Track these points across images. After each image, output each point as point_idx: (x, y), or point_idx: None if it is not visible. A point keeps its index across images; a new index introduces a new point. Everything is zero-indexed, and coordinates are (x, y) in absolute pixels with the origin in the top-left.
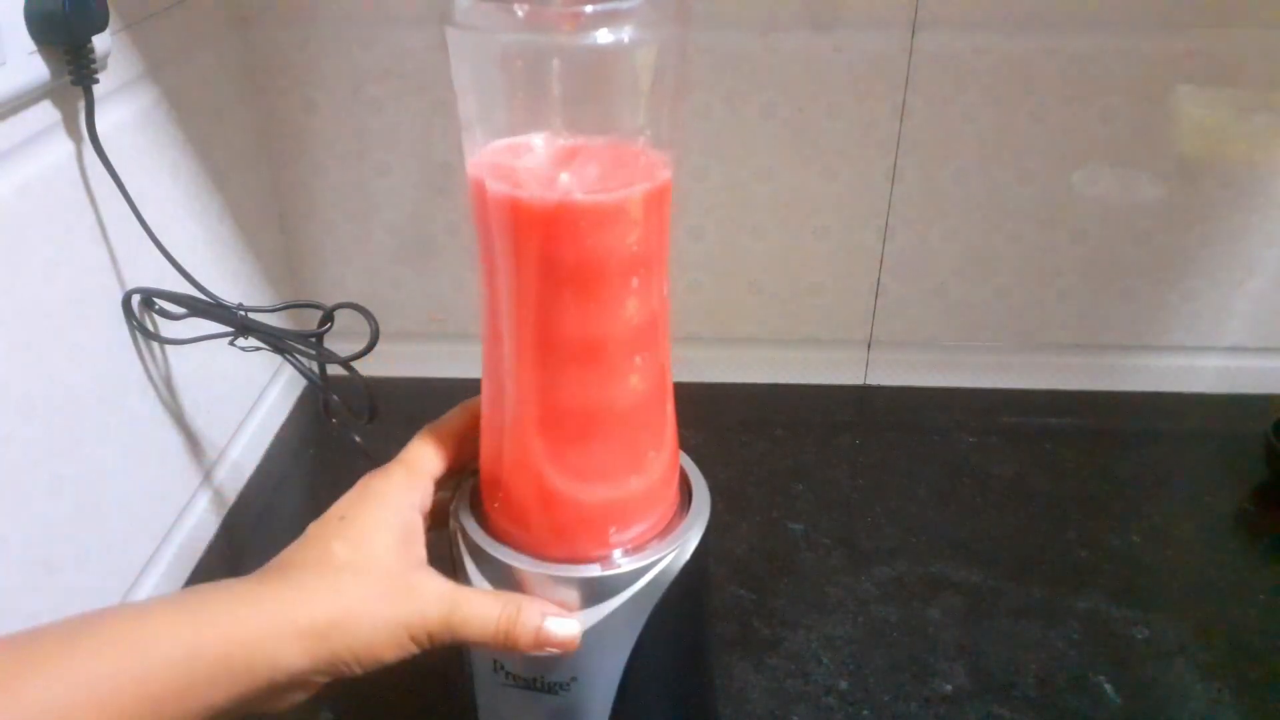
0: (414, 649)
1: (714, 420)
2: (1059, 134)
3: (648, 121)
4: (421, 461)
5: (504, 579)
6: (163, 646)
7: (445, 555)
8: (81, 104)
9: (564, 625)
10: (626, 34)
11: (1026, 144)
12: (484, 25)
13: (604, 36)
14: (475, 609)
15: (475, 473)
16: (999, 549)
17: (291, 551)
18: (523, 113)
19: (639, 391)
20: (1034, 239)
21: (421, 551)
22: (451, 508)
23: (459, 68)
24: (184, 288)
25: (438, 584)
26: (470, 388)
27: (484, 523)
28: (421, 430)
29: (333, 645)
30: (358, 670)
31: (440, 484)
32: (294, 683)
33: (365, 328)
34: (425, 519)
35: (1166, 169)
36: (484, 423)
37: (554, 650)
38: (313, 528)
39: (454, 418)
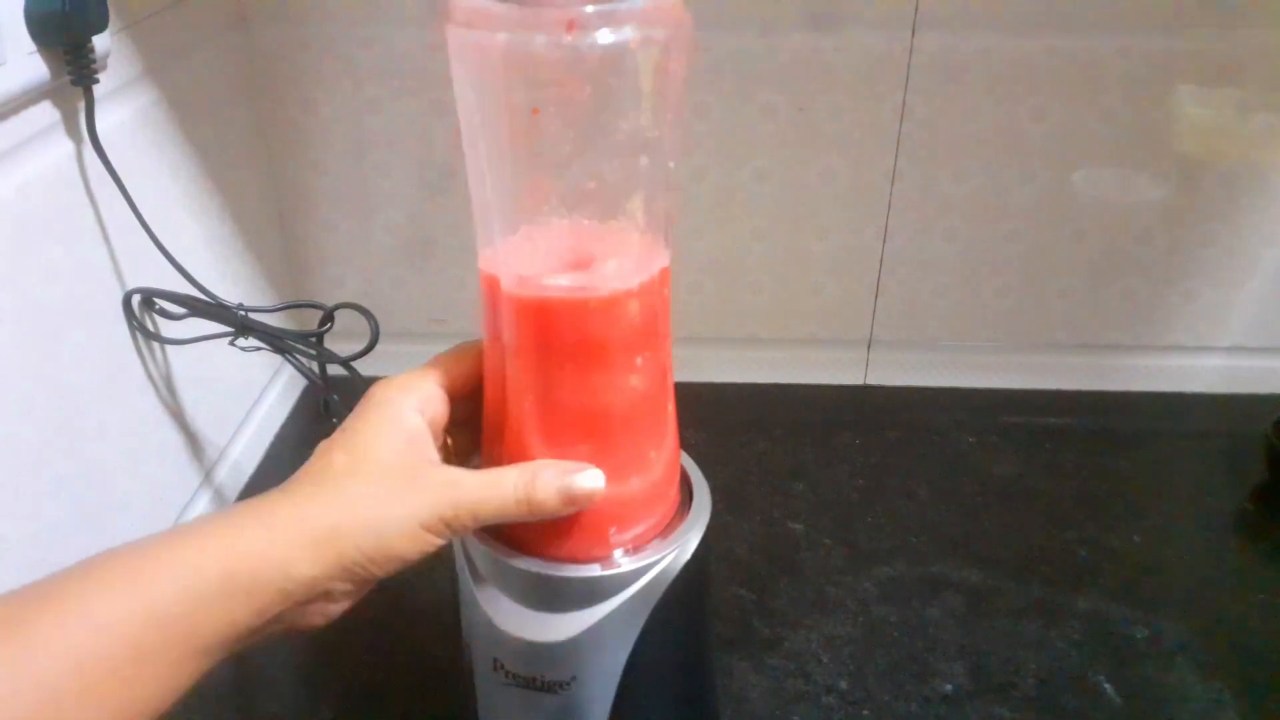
0: (433, 540)
1: (714, 420)
2: (1059, 134)
3: (648, 127)
4: (427, 371)
5: (505, 578)
6: (166, 570)
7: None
8: (81, 104)
9: (589, 477)
10: (627, 34)
11: (1026, 144)
12: (484, 24)
13: (605, 36)
14: (486, 486)
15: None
16: (999, 549)
17: (299, 471)
18: (522, 122)
19: (640, 391)
20: (1034, 239)
21: (430, 452)
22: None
23: (458, 69)
24: (184, 288)
25: (445, 471)
26: None
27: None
28: (453, 348)
29: (340, 548)
30: (377, 572)
31: (455, 394)
32: (311, 592)
33: (365, 328)
34: (438, 431)
35: (1166, 169)
36: (485, 422)
37: (580, 505)
38: (320, 445)
39: (469, 345)
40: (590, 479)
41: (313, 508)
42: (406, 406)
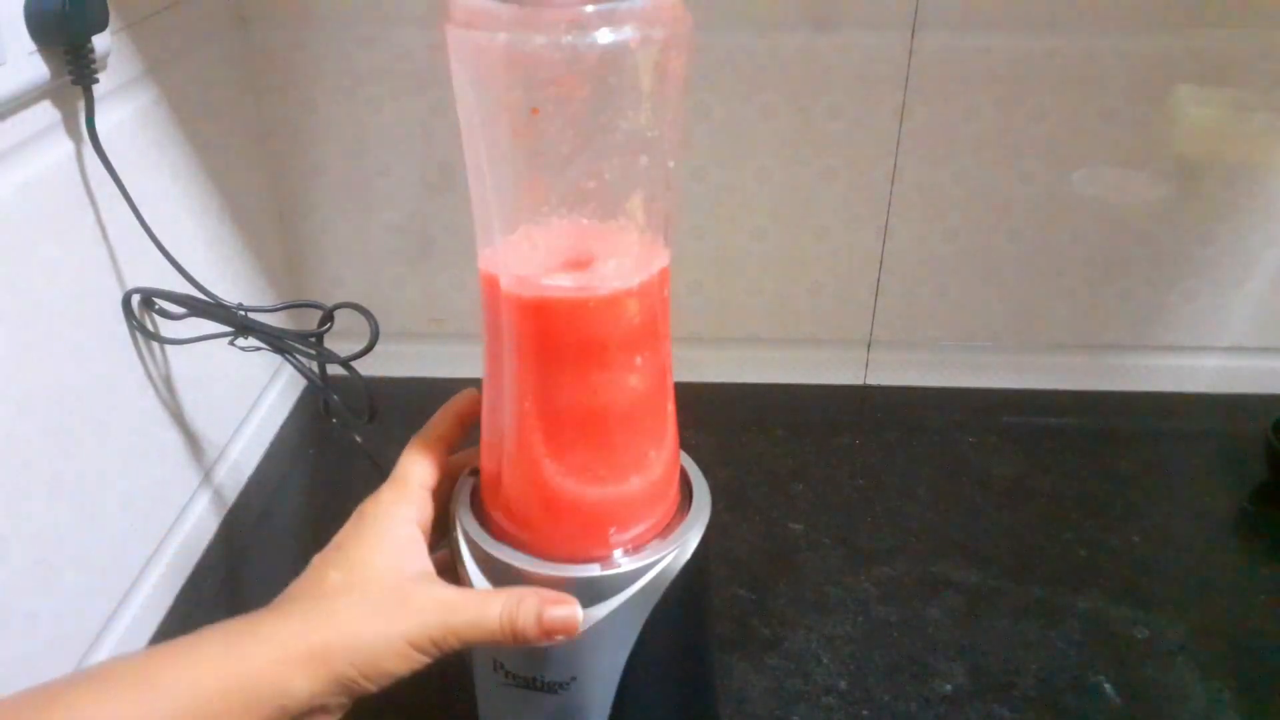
0: (421, 659)
1: (714, 420)
2: (1059, 134)
3: (648, 126)
4: (411, 476)
5: (505, 578)
6: (166, 684)
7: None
8: (81, 104)
9: (562, 609)
10: (627, 33)
11: (1026, 144)
12: (484, 24)
13: (605, 36)
14: (474, 611)
15: (475, 472)
16: (999, 549)
17: (292, 586)
18: (522, 121)
19: (639, 391)
20: (1034, 239)
21: (423, 564)
22: (452, 507)
23: (458, 69)
24: (184, 287)
25: (436, 591)
26: (469, 387)
27: (485, 522)
28: (410, 442)
29: (334, 666)
30: (369, 687)
31: (437, 493)
32: (307, 707)
33: (365, 328)
34: (427, 530)
35: (1166, 169)
36: (484, 423)
37: (559, 636)
38: (314, 559)
39: (439, 423)
40: (565, 610)
41: (308, 626)
42: (399, 519)
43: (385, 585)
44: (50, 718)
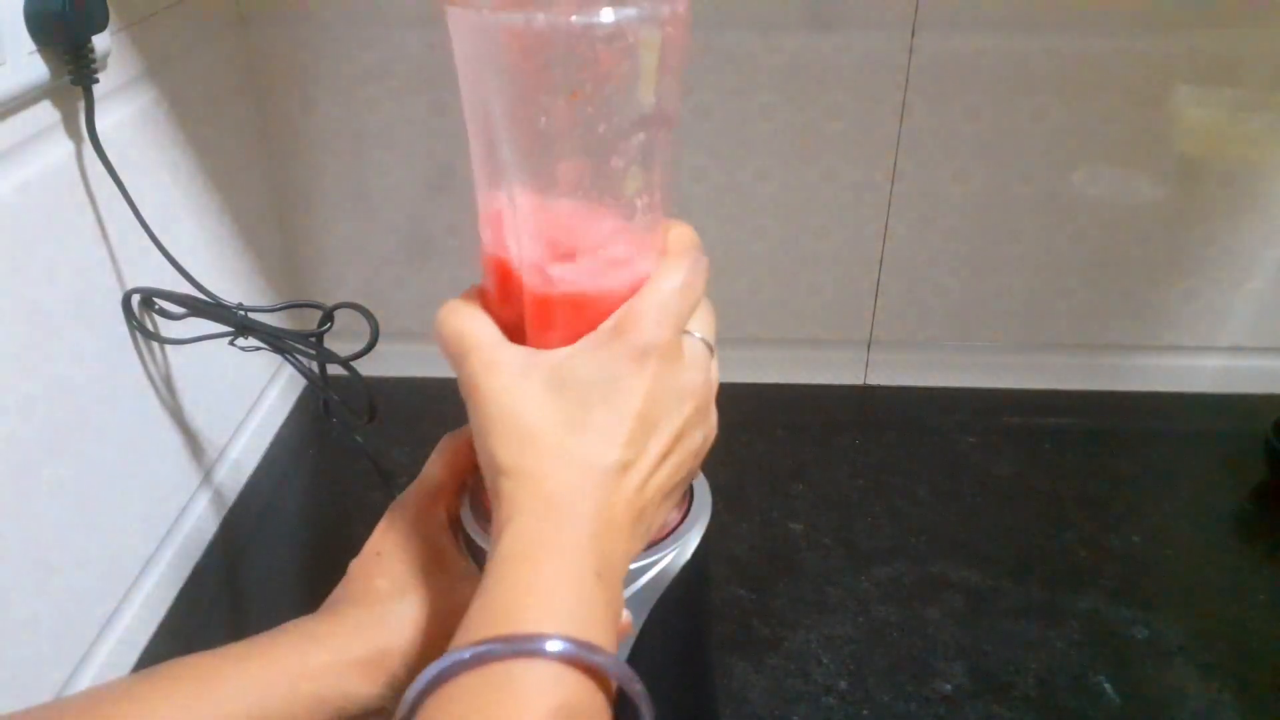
0: None
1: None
2: (1059, 134)
3: (651, 104)
4: (435, 480)
5: None
6: (234, 687)
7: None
8: (81, 104)
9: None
10: (630, 12)
11: (1026, 144)
12: (483, 4)
13: (607, 15)
14: None
15: (479, 469)
16: (999, 549)
17: (341, 590)
18: (524, 101)
19: None
20: (1034, 239)
21: (462, 564)
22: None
23: (459, 51)
24: (184, 288)
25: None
26: None
27: (484, 523)
28: (439, 443)
29: (391, 669)
30: None
31: (466, 485)
32: (364, 709)
33: (365, 328)
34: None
35: (1166, 169)
36: None
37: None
38: (354, 566)
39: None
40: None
41: (363, 633)
42: (432, 521)
43: (429, 587)
44: (122, 713)
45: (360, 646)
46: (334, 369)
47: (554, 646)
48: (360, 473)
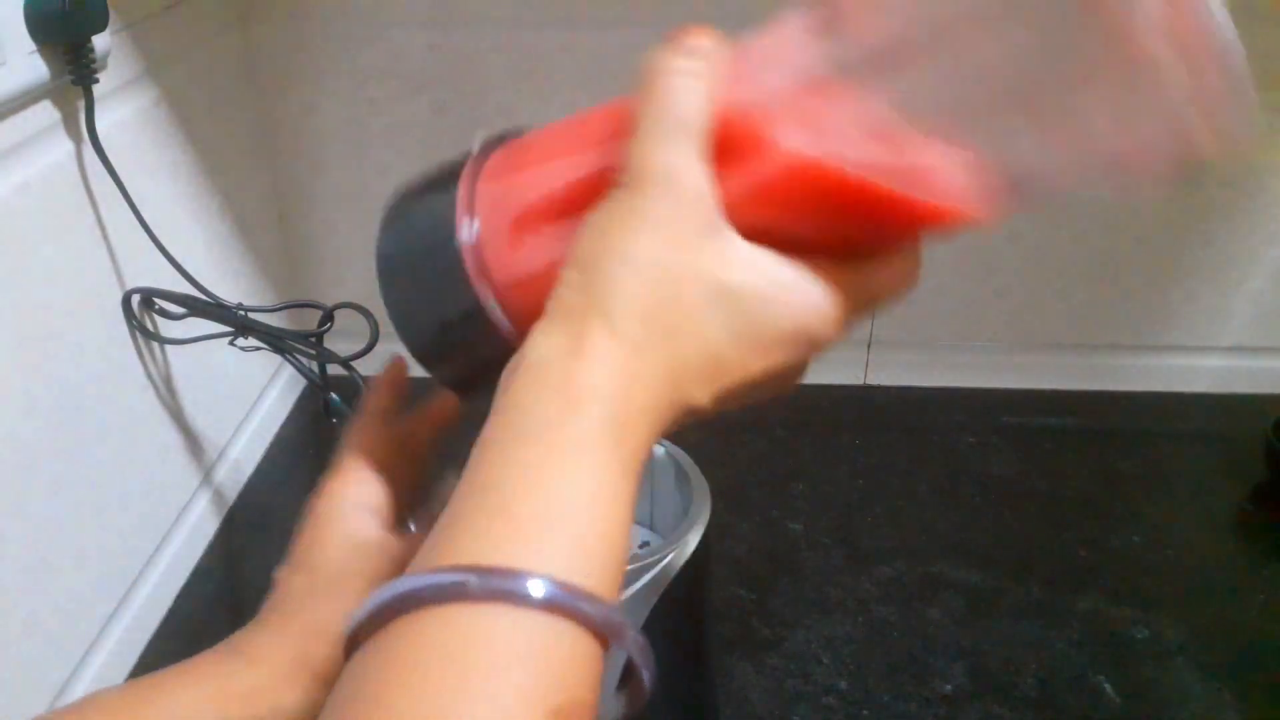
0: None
1: (714, 420)
2: None
3: None
4: (350, 460)
5: None
6: (158, 714)
7: None
8: (81, 104)
9: None
10: None
11: None
12: None
13: None
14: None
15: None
16: (999, 549)
17: (263, 607)
18: None
19: None
20: (1034, 239)
21: (382, 547)
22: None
23: None
24: (184, 288)
25: (395, 570)
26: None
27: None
28: (346, 428)
29: (316, 670)
30: None
31: (390, 467)
32: (306, 711)
33: (365, 328)
34: (385, 509)
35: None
36: None
37: None
38: (278, 573)
39: (372, 400)
40: None
41: (285, 639)
42: (347, 507)
43: (346, 578)
44: None
45: (284, 654)
46: (334, 369)
47: (538, 590)
48: None
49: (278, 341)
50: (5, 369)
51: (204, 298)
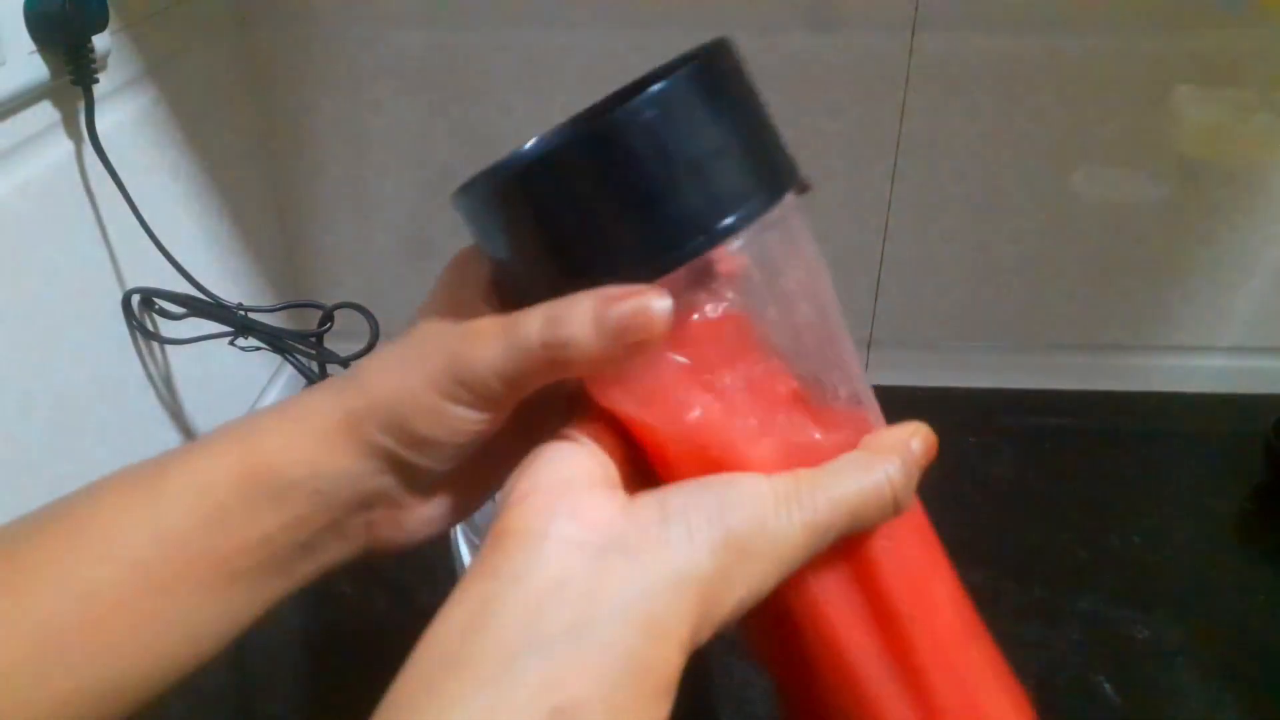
0: (457, 412)
1: None
2: (1059, 134)
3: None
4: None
5: None
6: (175, 483)
7: None
8: (81, 104)
9: (632, 301)
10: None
11: (1026, 144)
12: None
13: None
14: (501, 328)
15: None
16: (999, 549)
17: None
18: None
19: None
20: (1034, 239)
21: (468, 305)
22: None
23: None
24: (184, 288)
25: (470, 323)
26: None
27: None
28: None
29: (362, 433)
30: (412, 459)
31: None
32: (351, 492)
33: (365, 328)
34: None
35: (1166, 169)
36: None
37: (636, 339)
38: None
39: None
40: (636, 303)
41: (333, 397)
42: (463, 277)
43: (412, 337)
44: (48, 537)
45: (330, 414)
46: (334, 369)
47: None
48: None
49: (278, 341)
50: (5, 369)
51: (204, 298)
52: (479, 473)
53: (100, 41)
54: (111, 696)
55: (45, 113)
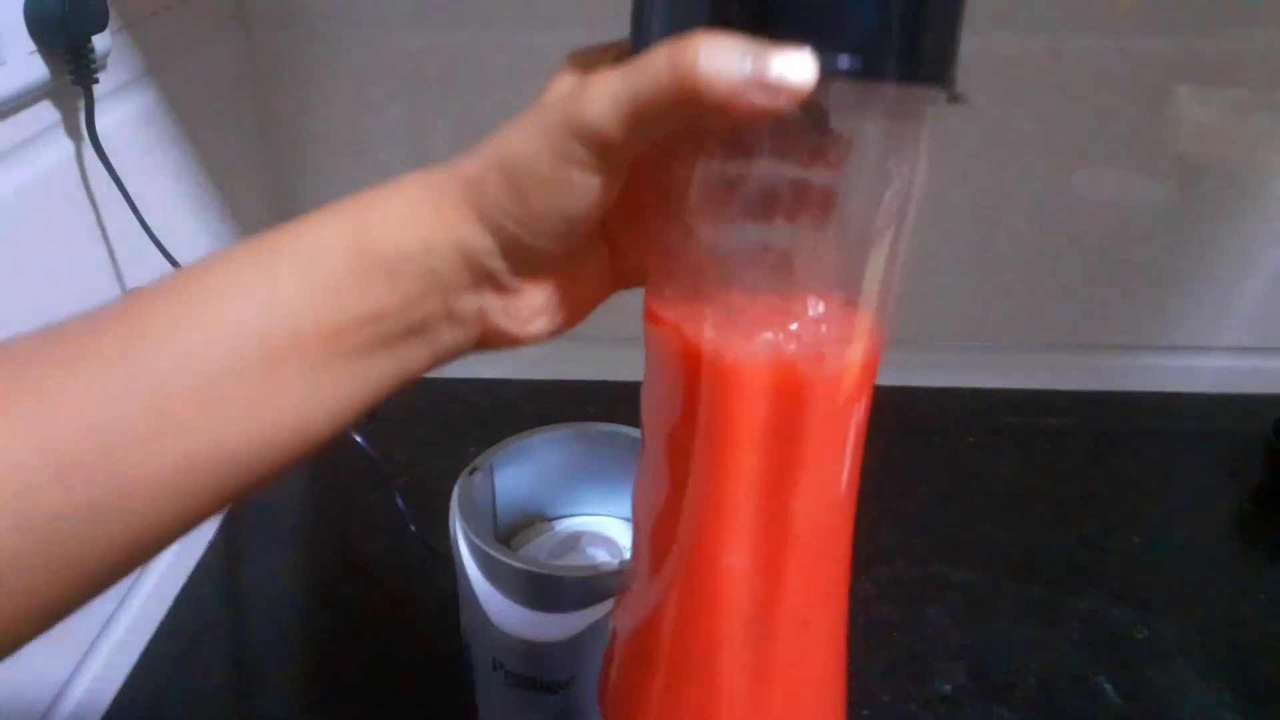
0: (575, 173)
1: None
2: (1059, 134)
3: None
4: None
5: (504, 578)
6: (287, 254)
7: None
8: (81, 104)
9: (794, 61)
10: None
11: (1026, 144)
12: None
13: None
14: (627, 67)
15: (474, 471)
16: (999, 549)
17: None
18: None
19: None
20: (1034, 239)
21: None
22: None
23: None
24: None
25: (581, 79)
26: (470, 387)
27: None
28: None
29: (480, 204)
30: (526, 237)
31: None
32: (463, 269)
33: None
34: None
35: (1166, 169)
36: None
37: (792, 83)
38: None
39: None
40: (801, 57)
41: (449, 170)
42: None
43: (535, 104)
44: (158, 309)
45: (447, 187)
46: None
47: None
48: (360, 473)
49: None
50: None
51: None
52: (587, 274)
53: (100, 41)
54: (227, 468)
55: (45, 113)
